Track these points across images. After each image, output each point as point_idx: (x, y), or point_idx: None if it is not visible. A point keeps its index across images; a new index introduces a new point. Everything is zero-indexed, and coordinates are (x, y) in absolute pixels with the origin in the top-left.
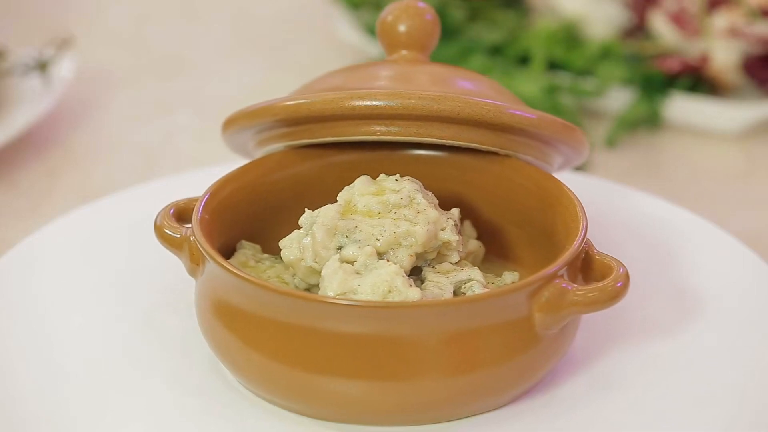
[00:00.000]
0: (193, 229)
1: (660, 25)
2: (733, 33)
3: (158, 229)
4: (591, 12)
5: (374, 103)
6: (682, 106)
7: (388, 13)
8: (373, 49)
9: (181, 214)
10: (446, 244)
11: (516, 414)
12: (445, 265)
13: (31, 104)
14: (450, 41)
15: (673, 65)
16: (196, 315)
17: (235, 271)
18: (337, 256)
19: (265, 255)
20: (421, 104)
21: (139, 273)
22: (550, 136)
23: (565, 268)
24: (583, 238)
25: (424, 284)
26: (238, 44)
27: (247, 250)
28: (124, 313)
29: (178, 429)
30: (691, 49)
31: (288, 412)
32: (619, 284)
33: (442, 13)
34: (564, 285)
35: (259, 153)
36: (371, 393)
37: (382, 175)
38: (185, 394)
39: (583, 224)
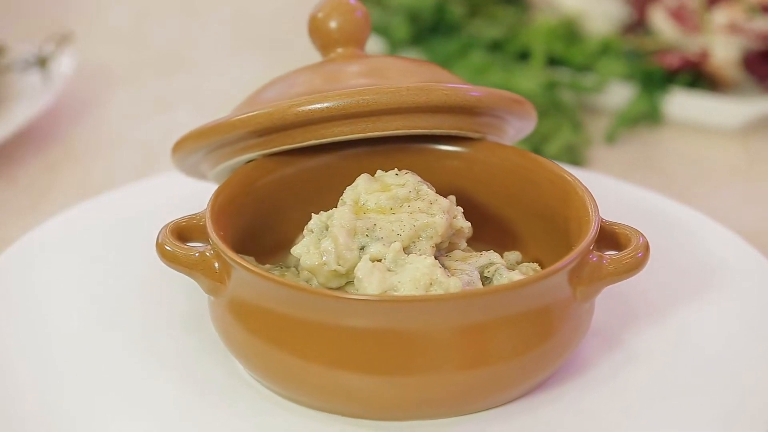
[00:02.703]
0: (220, 248)
1: (660, 20)
2: (733, 29)
3: (166, 252)
4: (591, 8)
5: (363, 99)
6: (682, 102)
7: (318, 11)
8: (372, 45)
9: (182, 233)
10: (459, 231)
11: (550, 398)
12: (458, 253)
13: (31, 100)
14: (450, 37)
15: (672, 61)
16: (220, 330)
17: (292, 284)
18: (368, 256)
19: (267, 265)
20: (410, 97)
21: (140, 269)
22: (513, 113)
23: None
24: (598, 209)
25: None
26: (237, 41)
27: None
28: (124, 310)
29: (183, 427)
30: (691, 44)
31: (317, 412)
32: (640, 254)
33: (441, 9)
34: (596, 258)
35: (218, 169)
36: (428, 386)
37: (379, 172)
38: (192, 390)
39: (590, 196)
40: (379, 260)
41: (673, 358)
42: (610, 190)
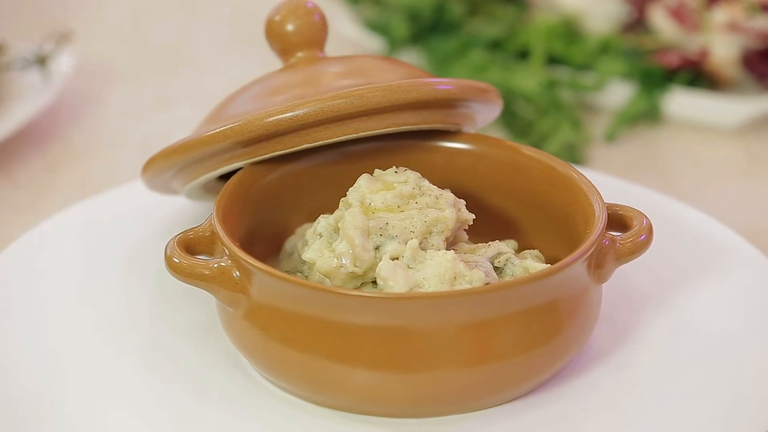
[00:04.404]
0: (243, 259)
1: (659, 19)
2: (733, 27)
3: (177, 266)
4: (590, 6)
5: (357, 99)
6: (681, 101)
7: (275, 14)
8: (373, 44)
9: (189, 245)
10: (464, 223)
11: (555, 394)
12: (463, 245)
13: (31, 99)
14: (449, 36)
15: (672, 60)
16: (239, 339)
17: (333, 289)
18: (388, 255)
19: None
20: (402, 94)
21: (140, 267)
22: (484, 102)
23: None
24: (599, 192)
25: None
26: (237, 39)
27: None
28: (124, 308)
29: (186, 427)
30: (691, 43)
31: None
32: (642, 237)
33: (441, 8)
34: (607, 241)
35: (195, 183)
36: (453, 380)
37: (377, 171)
38: (196, 390)
39: (586, 180)
40: (396, 258)
41: (672, 356)
42: (609, 189)
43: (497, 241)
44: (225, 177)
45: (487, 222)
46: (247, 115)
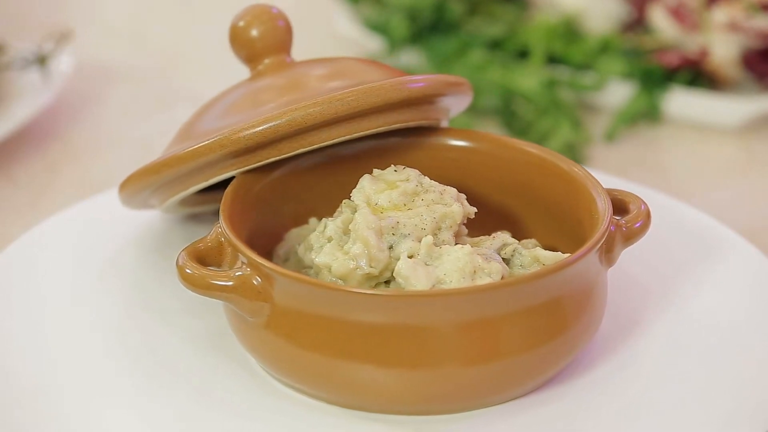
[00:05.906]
0: (267, 267)
1: (659, 19)
2: (733, 27)
3: (194, 279)
4: (590, 6)
5: (353, 100)
6: (681, 101)
7: (239, 20)
8: (372, 43)
9: (199, 256)
10: (464, 217)
11: (558, 393)
12: (465, 239)
13: (31, 98)
14: (449, 36)
15: (672, 59)
16: (259, 348)
17: (375, 292)
18: (405, 253)
19: None
20: (394, 93)
21: (140, 268)
22: (460, 96)
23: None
24: (596, 179)
25: None
26: None
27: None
28: (124, 308)
29: (190, 428)
30: (691, 43)
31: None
32: (639, 224)
33: (441, 7)
34: (614, 226)
35: (179, 197)
36: (482, 375)
37: (376, 171)
38: (198, 390)
39: (583, 170)
40: (412, 256)
41: (674, 354)
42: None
43: (499, 232)
44: (203, 190)
45: (479, 214)
46: (239, 124)
